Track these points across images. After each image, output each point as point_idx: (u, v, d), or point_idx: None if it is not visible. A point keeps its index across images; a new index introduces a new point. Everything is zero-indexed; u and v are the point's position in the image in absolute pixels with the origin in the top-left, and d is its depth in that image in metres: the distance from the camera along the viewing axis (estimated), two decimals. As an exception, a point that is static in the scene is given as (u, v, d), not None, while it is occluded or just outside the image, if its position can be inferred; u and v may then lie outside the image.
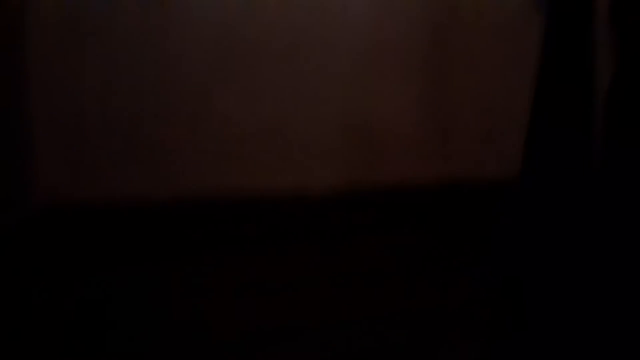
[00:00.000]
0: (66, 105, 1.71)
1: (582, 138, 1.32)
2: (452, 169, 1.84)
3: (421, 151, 1.84)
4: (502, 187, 1.52)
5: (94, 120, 1.72)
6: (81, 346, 1.31)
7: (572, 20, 1.29)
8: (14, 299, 1.47)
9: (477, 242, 1.69)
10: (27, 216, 1.70)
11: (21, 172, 1.72)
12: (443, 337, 1.34)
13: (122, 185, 1.75)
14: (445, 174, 1.83)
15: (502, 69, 1.79)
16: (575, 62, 1.30)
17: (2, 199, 1.63)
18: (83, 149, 1.73)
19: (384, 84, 1.81)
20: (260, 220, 1.80)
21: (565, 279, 1.33)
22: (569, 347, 1.24)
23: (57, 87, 1.69)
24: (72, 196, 1.72)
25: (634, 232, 1.26)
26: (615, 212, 1.29)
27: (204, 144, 1.78)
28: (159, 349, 1.30)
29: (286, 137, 1.80)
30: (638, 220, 1.24)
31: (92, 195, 1.73)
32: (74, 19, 1.68)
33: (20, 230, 1.67)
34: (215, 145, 1.78)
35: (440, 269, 1.61)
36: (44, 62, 1.68)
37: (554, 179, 1.34)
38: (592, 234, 1.32)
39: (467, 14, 1.81)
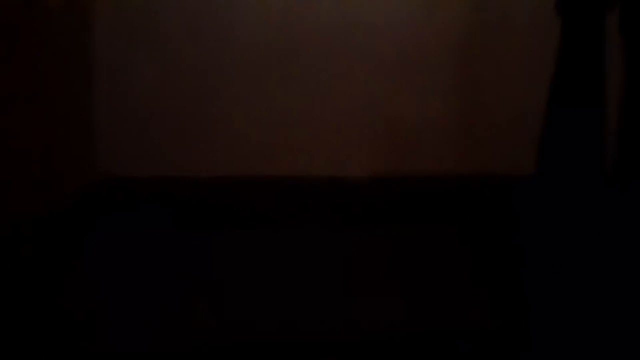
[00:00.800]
0: (127, 87, 1.88)
1: (593, 143, 1.35)
2: (476, 160, 1.90)
3: (447, 143, 1.91)
4: (518, 181, 1.58)
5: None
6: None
7: (585, 29, 1.32)
8: (69, 268, 1.60)
9: (500, 232, 1.75)
10: (87, 189, 1.85)
11: (84, 148, 1.87)
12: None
13: (176, 163, 1.90)
14: (470, 165, 1.90)
15: (527, 68, 1.85)
16: (587, 68, 1.34)
17: (65, 172, 1.76)
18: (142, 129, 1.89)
19: (413, 80, 1.91)
20: (296, 202, 1.91)
21: (570, 280, 1.37)
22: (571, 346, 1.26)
23: (119, 70, 1.87)
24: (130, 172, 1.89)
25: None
26: (625, 219, 1.33)
27: (251, 130, 1.91)
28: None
29: (324, 128, 1.92)
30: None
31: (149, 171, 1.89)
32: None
33: (80, 202, 1.81)
34: (261, 132, 1.92)
35: (460, 257, 1.68)
36: (109, 47, 1.85)
37: (565, 181, 1.38)
38: (600, 239, 1.35)
39: (493, 14, 1.87)
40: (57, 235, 1.66)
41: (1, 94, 1.45)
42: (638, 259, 1.32)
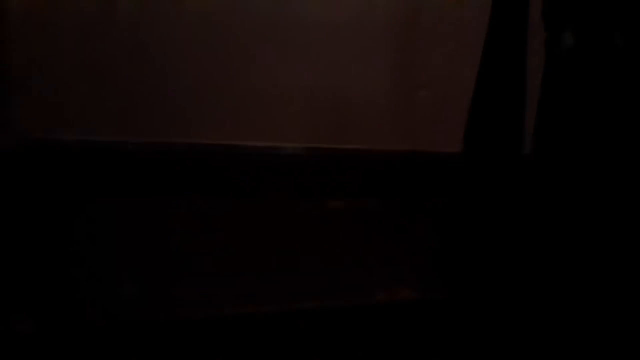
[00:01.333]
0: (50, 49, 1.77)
1: (515, 129, 1.41)
2: (414, 139, 1.93)
3: (387, 120, 1.93)
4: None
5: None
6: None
7: (508, 19, 1.37)
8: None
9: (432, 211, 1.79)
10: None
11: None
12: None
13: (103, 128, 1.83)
14: (409, 144, 1.93)
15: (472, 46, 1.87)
16: (510, 57, 1.40)
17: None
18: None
19: (357, 55, 1.91)
20: (229, 170, 1.88)
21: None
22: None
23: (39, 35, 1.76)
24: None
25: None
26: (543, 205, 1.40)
27: (184, 96, 1.87)
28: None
29: (263, 97, 1.90)
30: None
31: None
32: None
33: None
34: (195, 98, 1.87)
35: (393, 232, 1.72)
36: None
37: (486, 159, 1.44)
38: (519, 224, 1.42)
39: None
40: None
41: None
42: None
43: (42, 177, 1.74)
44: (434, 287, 1.46)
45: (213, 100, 1.89)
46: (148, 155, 1.84)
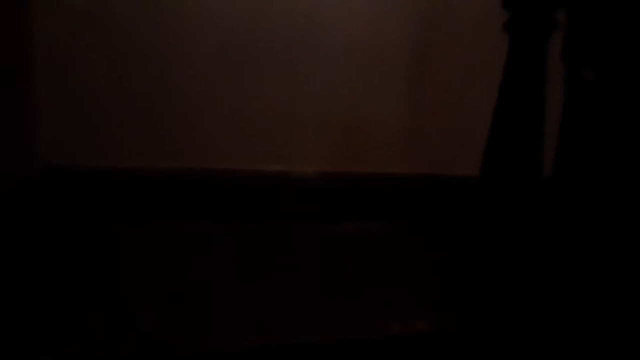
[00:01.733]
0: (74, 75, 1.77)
1: (534, 158, 1.40)
2: (430, 162, 1.91)
3: (401, 144, 1.91)
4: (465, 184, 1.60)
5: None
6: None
7: (530, 47, 1.36)
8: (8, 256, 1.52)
9: (448, 234, 1.76)
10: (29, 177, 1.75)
11: (25, 135, 1.77)
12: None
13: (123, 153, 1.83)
14: (423, 168, 1.90)
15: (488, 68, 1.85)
16: (530, 83, 1.38)
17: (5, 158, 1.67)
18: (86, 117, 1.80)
19: (368, 81, 1.90)
20: (242, 196, 1.87)
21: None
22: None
23: (65, 61, 1.76)
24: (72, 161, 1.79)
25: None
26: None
27: (199, 121, 1.86)
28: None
29: (273, 121, 1.88)
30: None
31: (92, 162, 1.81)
32: None
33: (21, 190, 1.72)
34: (210, 124, 1.87)
35: (410, 257, 1.69)
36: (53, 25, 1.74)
37: (505, 185, 1.43)
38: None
39: (455, 13, 1.89)
40: None
41: None
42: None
43: (64, 202, 1.75)
44: (449, 319, 1.43)
45: (225, 123, 1.88)
46: (164, 180, 1.84)
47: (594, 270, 1.36)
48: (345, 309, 1.46)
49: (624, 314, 1.35)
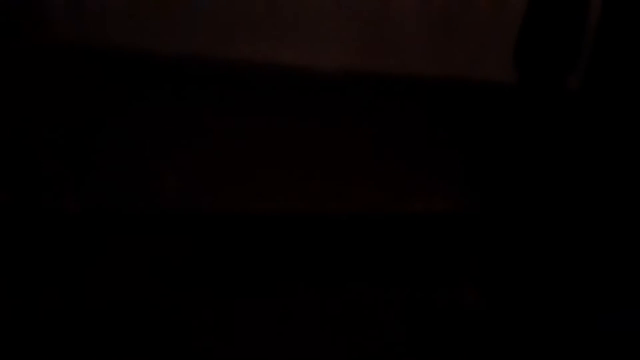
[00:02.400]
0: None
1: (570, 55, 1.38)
2: (455, 65, 1.88)
3: (428, 45, 1.88)
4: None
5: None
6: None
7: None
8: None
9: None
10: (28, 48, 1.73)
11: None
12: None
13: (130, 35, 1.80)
14: (449, 70, 1.88)
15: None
16: None
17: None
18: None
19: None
20: (260, 92, 1.84)
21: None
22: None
23: None
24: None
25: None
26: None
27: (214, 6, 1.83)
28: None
29: (297, 12, 1.85)
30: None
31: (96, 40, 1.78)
32: None
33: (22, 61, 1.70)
34: (225, 10, 1.83)
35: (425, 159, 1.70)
36: None
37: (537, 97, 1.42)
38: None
39: None
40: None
41: None
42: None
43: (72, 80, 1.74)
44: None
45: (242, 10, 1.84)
46: (176, 67, 1.81)
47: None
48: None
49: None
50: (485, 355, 1.17)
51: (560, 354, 1.16)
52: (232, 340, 1.13)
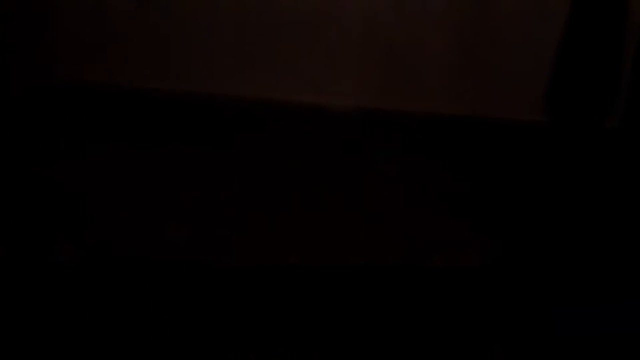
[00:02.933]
0: None
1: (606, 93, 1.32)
2: (472, 102, 1.82)
3: (444, 81, 1.82)
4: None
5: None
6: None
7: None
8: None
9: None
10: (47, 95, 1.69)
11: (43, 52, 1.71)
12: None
13: (144, 74, 1.75)
14: (468, 109, 1.82)
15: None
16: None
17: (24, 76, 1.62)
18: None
19: (414, 11, 1.78)
20: (274, 127, 1.79)
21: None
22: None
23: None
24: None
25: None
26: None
27: (230, 44, 1.78)
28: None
29: (312, 48, 1.80)
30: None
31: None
32: None
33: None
34: (241, 47, 1.78)
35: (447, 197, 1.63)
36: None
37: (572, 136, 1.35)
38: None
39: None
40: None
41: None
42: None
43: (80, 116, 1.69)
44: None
45: (253, 47, 1.80)
46: (186, 104, 1.77)
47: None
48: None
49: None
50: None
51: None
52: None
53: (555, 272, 1.28)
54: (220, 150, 1.73)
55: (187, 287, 1.24)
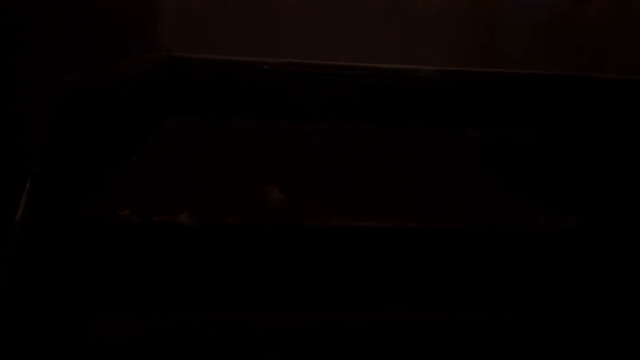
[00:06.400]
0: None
1: None
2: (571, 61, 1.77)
3: (525, 43, 1.78)
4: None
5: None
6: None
7: None
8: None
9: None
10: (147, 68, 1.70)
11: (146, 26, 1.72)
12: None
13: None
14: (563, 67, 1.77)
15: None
16: None
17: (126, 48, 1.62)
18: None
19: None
20: (368, 92, 1.77)
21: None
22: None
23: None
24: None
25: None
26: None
27: (315, 17, 1.77)
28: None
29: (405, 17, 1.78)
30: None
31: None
32: None
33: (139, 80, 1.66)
34: (326, 19, 1.77)
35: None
36: None
37: None
38: None
39: None
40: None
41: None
42: None
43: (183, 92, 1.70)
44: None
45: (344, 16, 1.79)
46: (285, 75, 1.76)
47: None
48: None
49: None
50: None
51: None
52: None
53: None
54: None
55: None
